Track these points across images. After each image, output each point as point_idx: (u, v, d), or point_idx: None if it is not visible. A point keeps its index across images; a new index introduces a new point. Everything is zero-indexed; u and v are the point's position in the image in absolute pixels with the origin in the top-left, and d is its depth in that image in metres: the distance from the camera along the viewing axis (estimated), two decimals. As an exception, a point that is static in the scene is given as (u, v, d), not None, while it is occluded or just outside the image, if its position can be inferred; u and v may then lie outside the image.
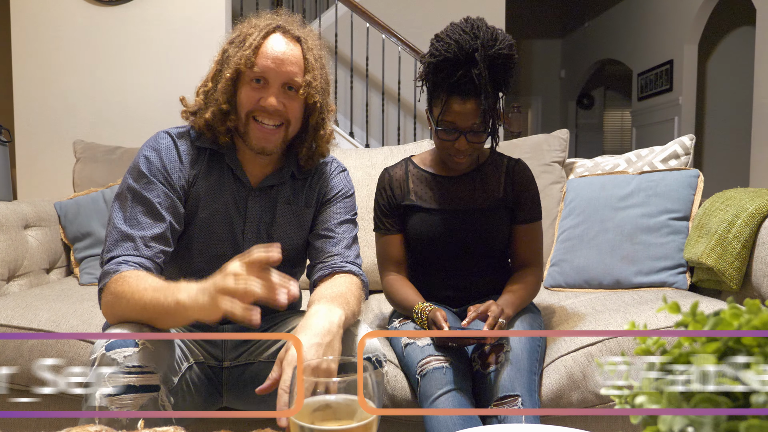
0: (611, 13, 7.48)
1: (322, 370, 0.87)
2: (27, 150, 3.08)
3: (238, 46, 1.19)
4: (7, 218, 1.97)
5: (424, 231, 1.48)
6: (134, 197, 1.15)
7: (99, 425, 0.71)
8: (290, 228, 1.29)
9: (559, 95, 8.99)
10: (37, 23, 3.05)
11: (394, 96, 4.78)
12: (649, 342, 0.49)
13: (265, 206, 1.26)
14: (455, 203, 1.49)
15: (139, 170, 1.17)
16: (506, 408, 1.19)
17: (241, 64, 1.17)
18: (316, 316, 1.02)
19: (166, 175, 1.18)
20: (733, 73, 6.24)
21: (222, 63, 1.21)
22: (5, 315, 1.57)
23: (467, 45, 1.34)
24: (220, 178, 1.24)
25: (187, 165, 1.21)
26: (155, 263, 1.12)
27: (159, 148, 1.20)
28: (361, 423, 0.62)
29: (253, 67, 1.17)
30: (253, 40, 1.18)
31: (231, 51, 1.20)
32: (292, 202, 1.29)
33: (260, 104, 1.18)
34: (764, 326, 0.43)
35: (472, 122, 1.37)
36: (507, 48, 1.37)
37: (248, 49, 1.17)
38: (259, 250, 0.90)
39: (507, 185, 1.50)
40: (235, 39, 1.21)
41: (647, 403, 0.45)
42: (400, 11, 5.00)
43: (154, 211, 1.14)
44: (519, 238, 1.51)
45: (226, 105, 1.19)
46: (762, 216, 1.56)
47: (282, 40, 1.20)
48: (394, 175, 1.54)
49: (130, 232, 1.11)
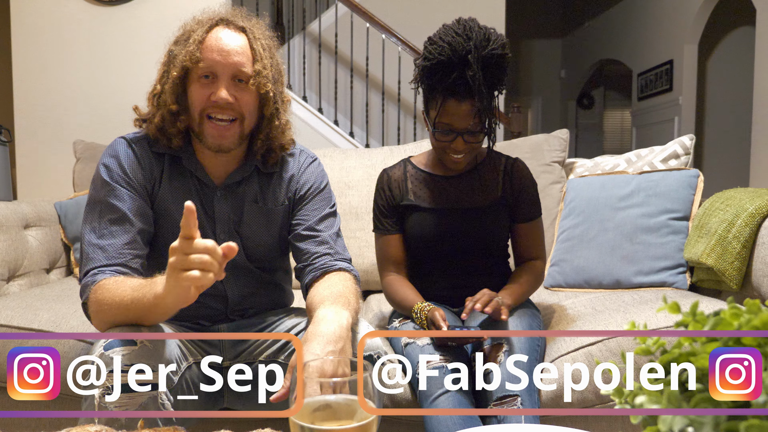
0: (611, 13, 7.47)
1: (339, 376, 0.87)
2: (27, 150, 3.08)
3: (183, 44, 1.18)
4: (7, 218, 1.97)
5: (422, 231, 1.48)
6: (101, 208, 1.15)
7: (99, 425, 0.71)
8: (258, 227, 1.27)
9: (559, 95, 8.99)
10: (37, 23, 3.05)
11: (394, 96, 4.77)
12: (649, 342, 0.49)
13: (233, 205, 1.25)
14: (454, 203, 1.49)
15: (102, 179, 1.17)
16: (506, 408, 1.19)
17: (186, 61, 1.15)
18: (325, 322, 1.01)
19: (127, 180, 1.17)
20: (733, 73, 6.24)
21: (168, 64, 1.19)
22: (5, 315, 1.57)
23: (460, 47, 1.34)
24: (182, 182, 1.22)
25: (147, 169, 1.20)
26: (131, 268, 1.12)
27: (116, 154, 1.19)
28: (361, 423, 0.62)
29: (199, 63, 1.15)
30: (197, 36, 1.16)
31: (176, 50, 1.18)
32: (259, 200, 1.27)
33: (211, 100, 1.15)
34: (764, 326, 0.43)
35: (468, 123, 1.37)
36: (500, 48, 1.37)
37: (192, 45, 1.15)
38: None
39: (505, 184, 1.51)
40: (180, 38, 1.20)
41: (647, 403, 0.45)
42: (400, 11, 5.00)
43: (123, 218, 1.14)
44: (521, 236, 1.53)
45: (174, 105, 1.17)
46: (762, 216, 1.56)
47: (226, 31, 1.18)
48: (393, 175, 1.54)
49: (101, 243, 1.12)
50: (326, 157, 2.16)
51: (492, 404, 1.21)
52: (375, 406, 0.62)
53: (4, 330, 1.53)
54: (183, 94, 1.18)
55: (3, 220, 1.95)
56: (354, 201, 2.08)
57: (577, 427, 1.38)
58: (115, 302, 1.02)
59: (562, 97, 8.97)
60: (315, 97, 4.78)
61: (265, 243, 1.28)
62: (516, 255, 1.56)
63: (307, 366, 0.94)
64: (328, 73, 4.83)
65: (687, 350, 0.47)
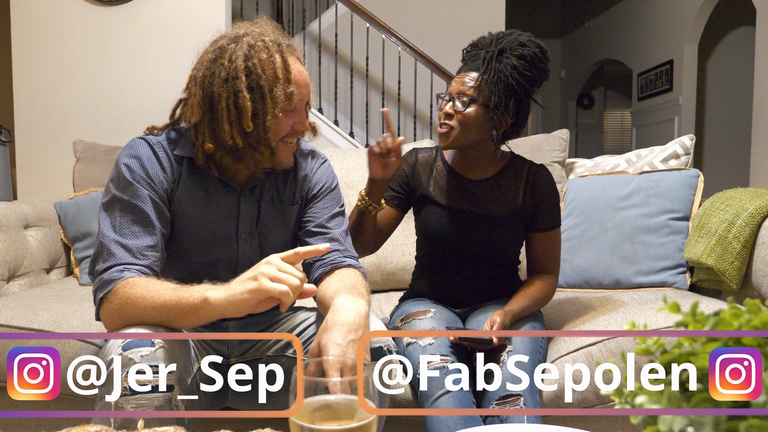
0: (611, 13, 7.47)
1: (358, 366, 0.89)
2: (27, 150, 3.08)
3: (261, 70, 1.13)
4: (7, 218, 1.97)
5: (435, 227, 1.48)
6: (122, 207, 1.13)
7: (99, 425, 0.71)
8: (276, 227, 1.28)
9: (559, 95, 8.99)
10: (37, 23, 3.05)
11: (394, 96, 4.77)
12: (649, 342, 0.49)
13: (253, 206, 1.26)
14: (471, 206, 1.47)
15: (124, 179, 1.15)
16: (509, 408, 1.19)
17: (283, 99, 1.13)
18: (343, 311, 1.02)
19: (150, 182, 1.16)
20: (733, 73, 6.24)
21: (249, 99, 1.12)
22: (5, 315, 1.57)
23: (493, 36, 1.43)
24: (202, 185, 1.22)
25: (168, 171, 1.19)
26: (153, 271, 1.11)
27: (139, 155, 1.17)
28: (361, 423, 0.62)
29: (293, 98, 1.14)
30: (275, 60, 1.13)
31: (260, 73, 1.12)
32: (275, 199, 1.29)
33: (295, 129, 1.18)
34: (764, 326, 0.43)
35: (463, 89, 1.40)
36: (531, 47, 1.39)
37: (280, 71, 1.13)
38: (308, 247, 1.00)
39: (527, 192, 1.48)
40: (244, 65, 1.13)
41: (647, 403, 0.45)
42: (400, 11, 5.00)
43: (145, 220, 1.13)
44: (536, 245, 1.50)
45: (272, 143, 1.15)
46: (762, 216, 1.56)
47: (297, 63, 1.18)
48: (420, 158, 1.54)
49: (124, 242, 1.10)
50: (326, 157, 2.15)
51: (494, 404, 1.21)
52: (375, 406, 0.62)
53: (4, 330, 1.53)
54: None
55: (3, 220, 1.95)
56: (354, 201, 2.08)
57: (578, 427, 1.38)
58: (152, 299, 1.01)
59: (562, 97, 8.97)
60: (315, 97, 4.78)
61: (282, 242, 1.30)
62: (529, 263, 1.53)
63: (326, 352, 0.95)
64: (328, 73, 4.83)
65: (687, 350, 0.47)
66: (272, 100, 1.12)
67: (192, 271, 1.20)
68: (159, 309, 1.01)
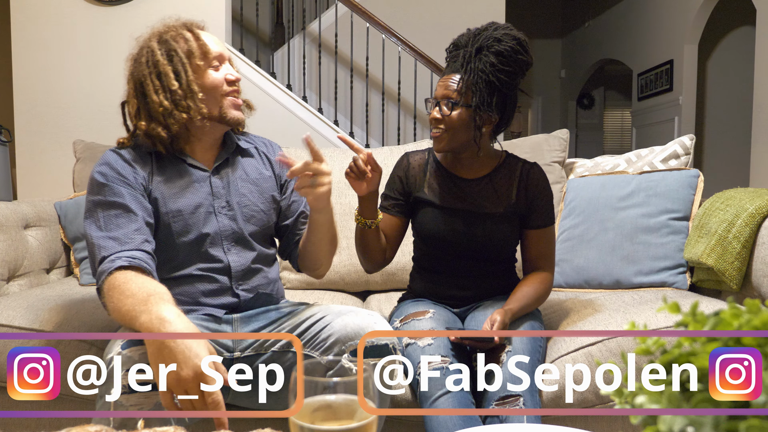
0: (611, 13, 7.47)
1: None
2: (27, 150, 3.08)
3: (174, 42, 1.28)
4: (7, 218, 1.97)
5: (431, 227, 1.48)
6: (102, 206, 1.20)
7: (99, 425, 0.70)
8: (251, 195, 1.38)
9: (559, 95, 8.99)
10: (37, 23, 3.05)
11: (394, 96, 4.77)
12: (649, 342, 0.49)
13: (224, 181, 1.36)
14: (466, 205, 1.48)
15: (98, 183, 1.23)
16: (508, 408, 1.19)
17: (197, 52, 1.28)
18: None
19: (123, 179, 1.24)
20: (733, 73, 6.24)
21: (168, 64, 1.27)
22: (5, 315, 1.57)
23: (472, 34, 1.43)
24: (175, 171, 1.31)
25: (138, 168, 1.28)
26: (144, 252, 1.17)
27: (108, 161, 1.27)
28: (361, 423, 0.62)
29: (209, 53, 1.29)
30: (185, 35, 1.30)
31: (173, 45, 1.28)
32: (245, 173, 1.39)
33: (227, 79, 1.30)
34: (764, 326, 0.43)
35: (447, 93, 1.41)
36: (507, 41, 1.39)
37: (192, 41, 1.28)
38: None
39: (520, 190, 1.48)
40: (159, 46, 1.30)
41: (647, 403, 0.45)
42: (400, 11, 5.00)
43: (126, 211, 1.20)
44: (530, 243, 1.50)
45: (201, 94, 1.27)
46: (762, 216, 1.56)
47: (205, 32, 1.35)
48: (413, 162, 1.55)
49: (111, 234, 1.17)
50: (326, 157, 2.14)
51: (494, 404, 1.21)
52: (375, 406, 0.62)
53: (4, 330, 1.53)
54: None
55: (3, 220, 1.95)
56: (354, 201, 2.08)
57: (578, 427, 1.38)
58: (118, 299, 1.06)
59: (562, 97, 8.97)
60: (315, 97, 4.78)
61: (259, 209, 1.38)
62: (524, 261, 1.53)
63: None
64: (328, 73, 4.83)
65: (687, 350, 0.47)
66: (188, 56, 1.27)
67: (184, 251, 1.28)
68: (121, 314, 1.06)
